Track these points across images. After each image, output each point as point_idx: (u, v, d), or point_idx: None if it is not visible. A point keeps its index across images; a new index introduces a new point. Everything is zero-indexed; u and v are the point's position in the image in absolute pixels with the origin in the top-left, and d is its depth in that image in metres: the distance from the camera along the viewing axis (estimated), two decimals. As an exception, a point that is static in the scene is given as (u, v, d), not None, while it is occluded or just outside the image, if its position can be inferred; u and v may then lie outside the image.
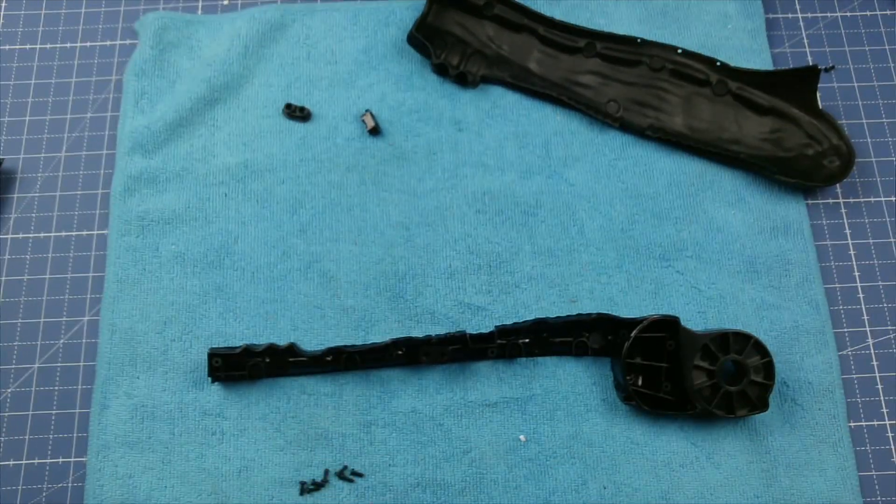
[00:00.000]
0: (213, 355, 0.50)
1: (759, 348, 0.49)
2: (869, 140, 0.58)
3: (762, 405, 0.48)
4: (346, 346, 0.51)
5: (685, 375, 0.49)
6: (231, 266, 0.54)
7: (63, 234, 0.55)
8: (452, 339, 0.50)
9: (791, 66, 0.59)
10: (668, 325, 0.49)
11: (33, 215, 0.56)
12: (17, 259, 0.55)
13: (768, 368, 0.49)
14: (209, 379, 0.51)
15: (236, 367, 0.50)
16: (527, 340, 0.51)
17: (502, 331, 0.51)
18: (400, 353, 0.50)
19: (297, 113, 0.57)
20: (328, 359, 0.51)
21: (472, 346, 0.51)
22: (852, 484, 0.49)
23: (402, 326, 0.52)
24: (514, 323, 0.52)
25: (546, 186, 0.56)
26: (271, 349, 0.51)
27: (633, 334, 0.49)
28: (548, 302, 0.53)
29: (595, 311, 0.52)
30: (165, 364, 0.51)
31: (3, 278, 0.54)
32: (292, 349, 0.51)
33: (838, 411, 0.51)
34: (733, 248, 0.54)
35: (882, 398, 0.52)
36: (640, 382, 0.50)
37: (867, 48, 0.60)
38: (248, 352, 0.50)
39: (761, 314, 0.53)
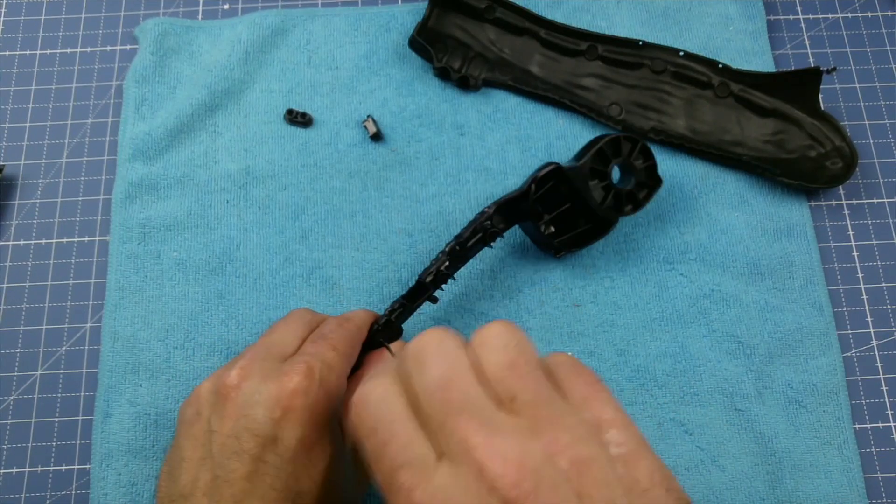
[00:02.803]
0: None
1: (644, 152, 0.52)
2: (871, 141, 0.58)
3: (656, 181, 0.52)
4: None
5: (588, 202, 0.51)
6: (233, 273, 0.54)
7: (65, 240, 0.55)
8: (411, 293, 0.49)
9: (793, 68, 0.59)
10: (552, 175, 0.50)
11: (35, 221, 0.56)
12: (18, 266, 0.55)
13: (646, 154, 0.52)
14: None
15: None
16: (448, 264, 0.49)
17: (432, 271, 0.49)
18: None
19: (298, 119, 0.57)
20: None
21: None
22: (858, 486, 0.49)
23: (405, 332, 0.52)
24: (435, 257, 0.49)
25: (548, 190, 0.56)
26: None
27: (530, 199, 0.49)
28: (551, 306, 0.53)
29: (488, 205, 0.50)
30: (168, 372, 0.51)
31: (5, 285, 0.54)
32: None
33: (843, 413, 0.51)
34: (736, 250, 0.54)
35: (887, 400, 0.51)
36: (553, 231, 0.52)
37: (869, 49, 0.60)
38: None
39: (765, 316, 0.52)
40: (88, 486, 0.49)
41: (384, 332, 0.47)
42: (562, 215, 0.51)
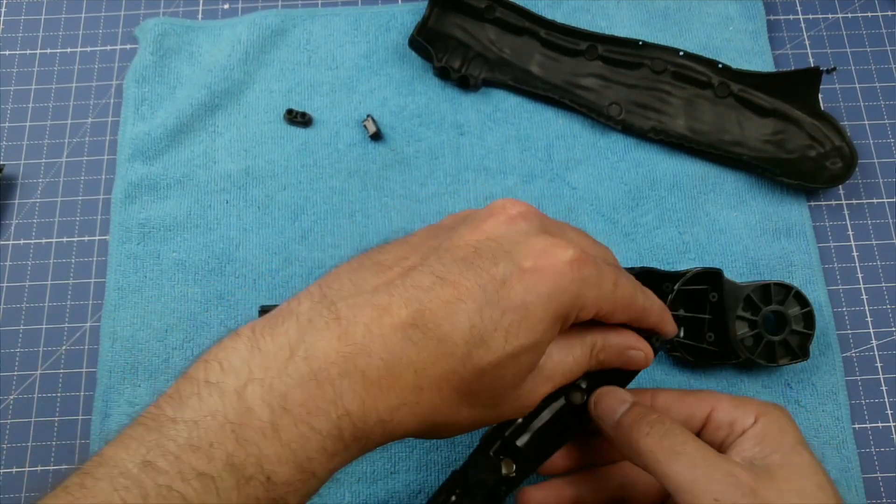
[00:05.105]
0: (265, 311, 0.50)
1: (800, 298, 0.50)
2: (871, 141, 0.58)
3: (803, 354, 0.49)
4: None
5: (728, 326, 0.49)
6: (232, 273, 0.54)
7: (65, 239, 0.55)
8: None
9: (793, 68, 0.59)
10: (711, 277, 0.50)
11: (34, 221, 0.56)
12: (18, 265, 0.55)
13: (808, 318, 0.49)
14: None
15: None
16: None
17: None
18: None
19: (298, 118, 0.57)
20: None
21: None
22: (856, 486, 0.49)
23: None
24: None
25: (548, 190, 0.56)
26: None
27: (676, 287, 0.49)
28: (550, 306, 0.53)
29: (637, 266, 0.51)
30: (167, 372, 0.51)
31: (5, 284, 0.54)
32: None
33: (842, 413, 0.51)
34: (736, 250, 0.54)
35: (886, 400, 0.51)
36: (681, 334, 0.50)
37: (869, 49, 0.60)
38: None
39: (764, 316, 0.52)
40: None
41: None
42: (695, 322, 0.50)
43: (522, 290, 0.32)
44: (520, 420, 0.40)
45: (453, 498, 0.40)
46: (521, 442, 0.40)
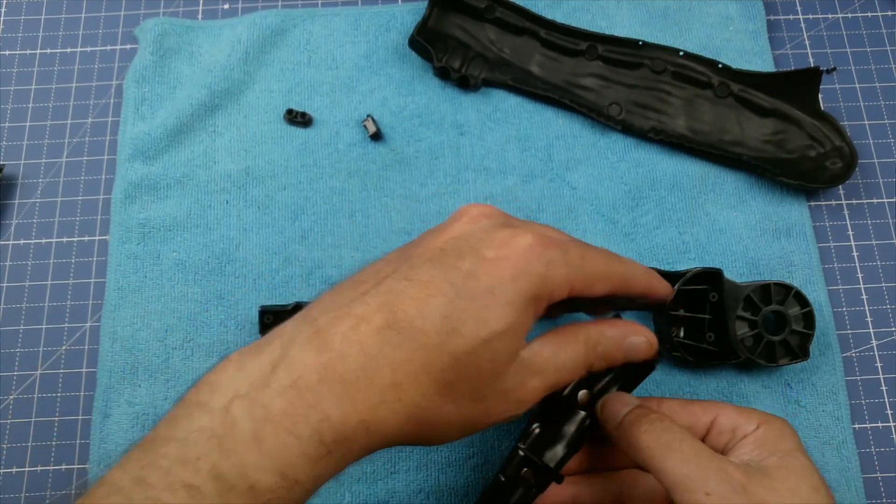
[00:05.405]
0: (265, 312, 0.51)
1: (800, 298, 0.50)
2: (871, 141, 0.58)
3: (803, 354, 0.49)
4: None
5: (728, 326, 0.49)
6: (232, 273, 0.54)
7: (65, 239, 0.55)
8: None
9: (793, 68, 0.59)
10: (711, 277, 0.49)
11: (35, 221, 0.56)
12: (18, 265, 0.55)
13: (808, 318, 0.49)
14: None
15: None
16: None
17: None
18: None
19: (298, 118, 0.57)
20: None
21: None
22: (856, 486, 0.49)
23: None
24: None
25: (548, 190, 0.56)
26: None
27: (676, 287, 0.49)
28: (550, 306, 0.53)
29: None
30: (167, 372, 0.51)
31: (5, 284, 0.54)
32: None
33: (842, 413, 0.51)
34: (736, 250, 0.54)
35: (886, 400, 0.51)
36: (682, 334, 0.50)
37: (869, 49, 0.60)
38: (299, 308, 0.50)
39: (764, 316, 0.52)
40: (88, 486, 0.49)
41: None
42: (695, 322, 0.49)
43: (487, 278, 0.33)
44: (536, 430, 0.41)
45: None
46: (547, 458, 0.40)
